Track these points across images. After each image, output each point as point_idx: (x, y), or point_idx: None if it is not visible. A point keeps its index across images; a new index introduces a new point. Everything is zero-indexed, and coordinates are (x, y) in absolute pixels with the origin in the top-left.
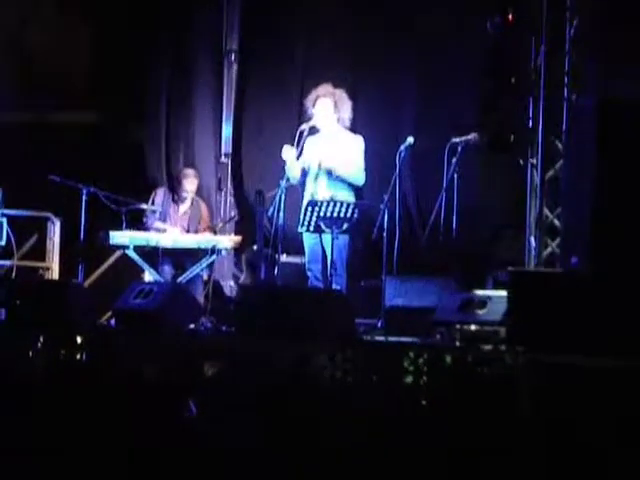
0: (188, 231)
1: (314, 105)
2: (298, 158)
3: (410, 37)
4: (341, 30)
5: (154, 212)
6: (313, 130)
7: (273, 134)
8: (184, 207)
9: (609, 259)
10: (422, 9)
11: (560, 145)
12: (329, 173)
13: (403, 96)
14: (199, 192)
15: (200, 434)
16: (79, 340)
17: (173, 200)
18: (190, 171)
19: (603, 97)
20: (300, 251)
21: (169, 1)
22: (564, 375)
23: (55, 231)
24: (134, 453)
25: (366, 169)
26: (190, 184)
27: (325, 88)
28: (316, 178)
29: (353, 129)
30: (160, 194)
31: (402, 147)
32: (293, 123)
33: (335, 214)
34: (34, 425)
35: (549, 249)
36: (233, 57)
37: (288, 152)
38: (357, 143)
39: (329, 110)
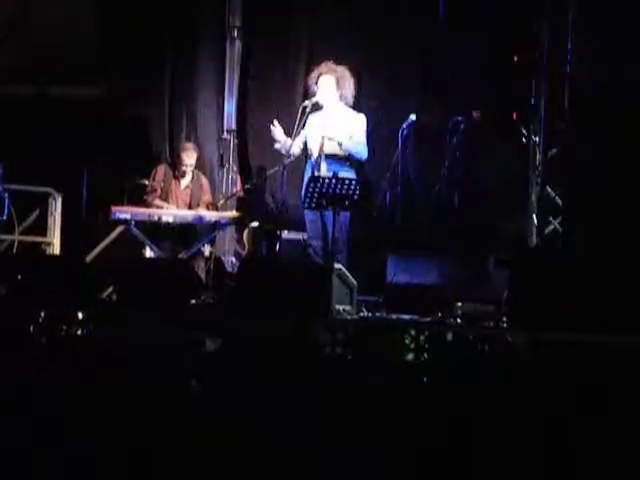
0: (190, 206)
1: (316, 82)
2: (299, 133)
3: (414, 15)
4: (345, 6)
5: (154, 189)
6: (316, 107)
7: (277, 110)
8: (185, 182)
9: (608, 236)
10: None
11: (562, 123)
12: (330, 156)
13: (406, 74)
14: (201, 168)
15: (202, 410)
16: (80, 315)
17: (174, 176)
18: (189, 145)
19: (606, 76)
20: (301, 227)
21: None
22: (565, 352)
23: (57, 206)
24: (135, 430)
25: (368, 146)
26: (189, 158)
27: (327, 65)
28: (318, 156)
29: (356, 106)
30: (161, 171)
31: (404, 124)
32: (297, 99)
33: (337, 191)
34: (35, 402)
35: (551, 227)
36: (236, 33)
37: (275, 131)
38: (359, 120)
39: (331, 87)
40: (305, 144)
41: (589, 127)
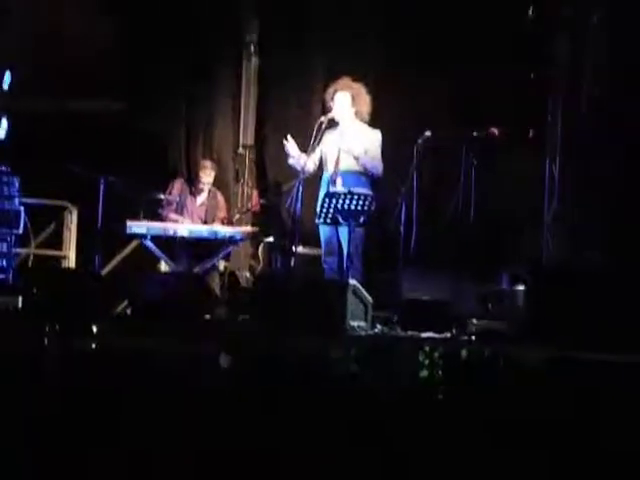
0: (205, 222)
1: (332, 98)
2: (314, 149)
3: (431, 31)
4: (362, 22)
5: (170, 203)
6: (332, 123)
7: (294, 126)
8: (201, 198)
9: (625, 253)
10: (444, 4)
11: (578, 140)
12: (346, 171)
13: (422, 90)
14: (217, 183)
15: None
16: (95, 329)
17: (190, 192)
18: (207, 163)
19: (623, 92)
20: (317, 243)
21: None
22: (579, 370)
23: (72, 220)
24: (147, 446)
25: (383, 162)
26: (207, 176)
27: (344, 82)
28: (334, 172)
29: (372, 122)
30: (177, 185)
31: (420, 140)
32: (314, 115)
33: (353, 206)
34: (48, 414)
35: (566, 243)
36: (252, 49)
37: (289, 146)
38: (375, 136)
39: (347, 103)
40: (320, 160)
41: (606, 143)
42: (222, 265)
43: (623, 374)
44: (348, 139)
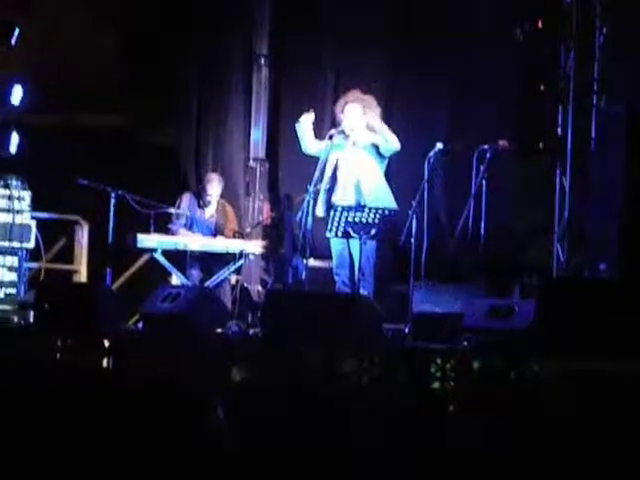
0: (215, 234)
1: (343, 111)
2: (325, 163)
3: (441, 43)
4: (373, 34)
5: (179, 217)
6: (342, 135)
7: None
8: (210, 211)
9: (637, 265)
10: (454, 16)
11: (589, 152)
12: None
13: (433, 102)
14: (228, 196)
15: (227, 440)
16: (106, 344)
17: (199, 205)
18: (214, 175)
19: (632, 104)
20: (328, 256)
21: (200, 5)
22: (592, 382)
23: (83, 234)
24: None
25: (394, 174)
26: (213, 189)
27: (354, 94)
28: (344, 184)
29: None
30: (186, 199)
31: (431, 153)
32: (326, 127)
33: (364, 220)
34: (58, 429)
35: (578, 256)
36: (263, 61)
37: (306, 118)
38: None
39: (357, 115)
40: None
41: (616, 155)
42: (233, 279)
43: (633, 384)
44: (356, 157)
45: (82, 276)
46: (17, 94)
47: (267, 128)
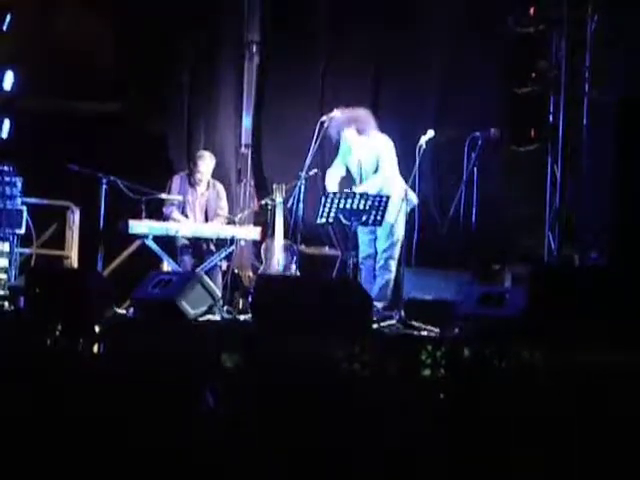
0: (207, 213)
1: (339, 134)
2: (317, 148)
3: (432, 31)
4: (364, 22)
5: (172, 202)
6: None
7: (294, 125)
8: (201, 189)
9: (628, 254)
10: (444, 4)
11: (580, 141)
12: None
13: (424, 89)
14: (219, 181)
15: (217, 425)
16: (97, 329)
17: (189, 183)
18: (205, 153)
19: (624, 93)
20: (319, 242)
21: None
22: (583, 370)
23: (74, 220)
24: (150, 445)
25: None
26: (206, 165)
27: (346, 116)
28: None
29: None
30: (177, 181)
31: (422, 140)
32: (315, 114)
33: (354, 206)
34: (50, 414)
35: (568, 243)
36: (254, 48)
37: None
38: (386, 148)
39: (354, 136)
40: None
41: (608, 144)
42: (224, 265)
43: (625, 373)
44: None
45: (73, 262)
46: (8, 79)
47: (254, 114)
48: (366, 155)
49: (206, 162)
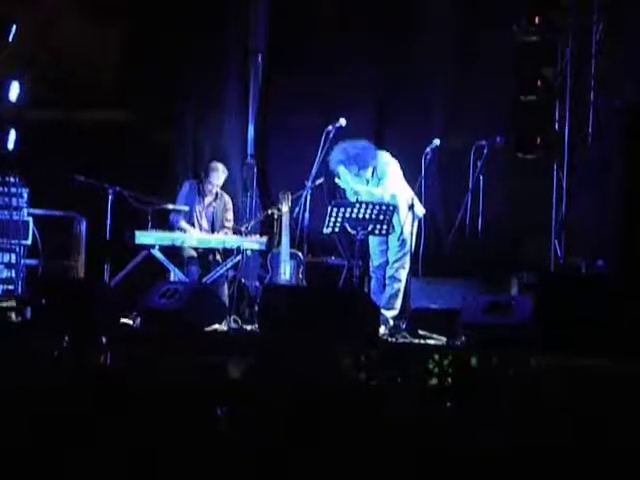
0: (213, 224)
1: (339, 170)
2: (323, 159)
3: (438, 40)
4: (369, 31)
5: (179, 211)
6: (340, 130)
7: (300, 135)
8: (208, 199)
9: (634, 262)
10: (450, 13)
11: (586, 148)
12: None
13: (430, 99)
14: (226, 192)
15: (225, 436)
16: (104, 340)
17: (198, 192)
18: (219, 165)
19: (629, 101)
20: (325, 252)
21: (198, 2)
22: (589, 378)
23: (81, 230)
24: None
25: None
26: (218, 178)
27: (346, 155)
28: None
29: (379, 134)
30: (187, 186)
31: (428, 149)
32: (319, 123)
33: (361, 215)
34: (57, 426)
35: (575, 251)
36: (260, 58)
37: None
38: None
39: (354, 175)
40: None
41: (614, 152)
42: (231, 275)
43: (632, 380)
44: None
45: (80, 272)
46: (14, 90)
47: (257, 125)
48: (371, 182)
49: (218, 174)
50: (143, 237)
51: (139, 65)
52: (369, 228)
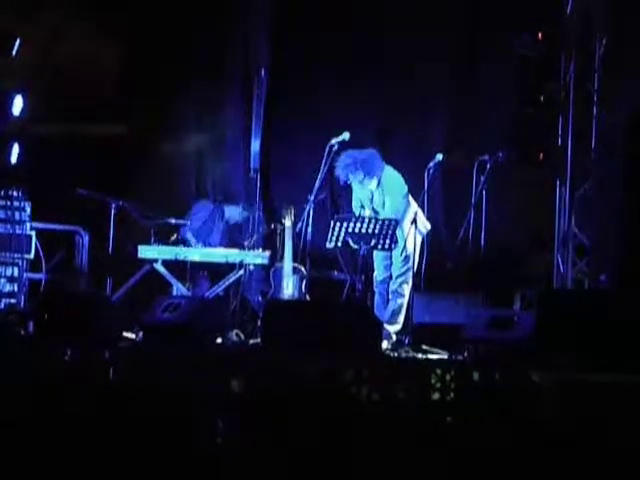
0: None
1: (347, 176)
2: (326, 171)
3: (441, 55)
4: (372, 47)
5: (189, 224)
6: (343, 144)
7: (303, 149)
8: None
9: (636, 278)
10: (453, 28)
11: (589, 163)
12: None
13: (433, 114)
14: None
15: (227, 448)
16: (107, 354)
17: (210, 212)
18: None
19: (632, 115)
20: (328, 266)
21: (200, 17)
22: (591, 393)
23: (84, 244)
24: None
25: None
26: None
27: (352, 160)
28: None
29: (381, 149)
30: (199, 206)
31: (431, 164)
32: (323, 138)
33: (363, 230)
34: (61, 439)
35: (577, 267)
36: (263, 72)
37: None
38: (397, 192)
39: (361, 180)
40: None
41: (616, 167)
42: (233, 289)
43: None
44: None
45: (82, 286)
46: (17, 104)
47: (263, 138)
48: (375, 195)
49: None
50: (146, 251)
51: (141, 79)
52: (372, 243)
